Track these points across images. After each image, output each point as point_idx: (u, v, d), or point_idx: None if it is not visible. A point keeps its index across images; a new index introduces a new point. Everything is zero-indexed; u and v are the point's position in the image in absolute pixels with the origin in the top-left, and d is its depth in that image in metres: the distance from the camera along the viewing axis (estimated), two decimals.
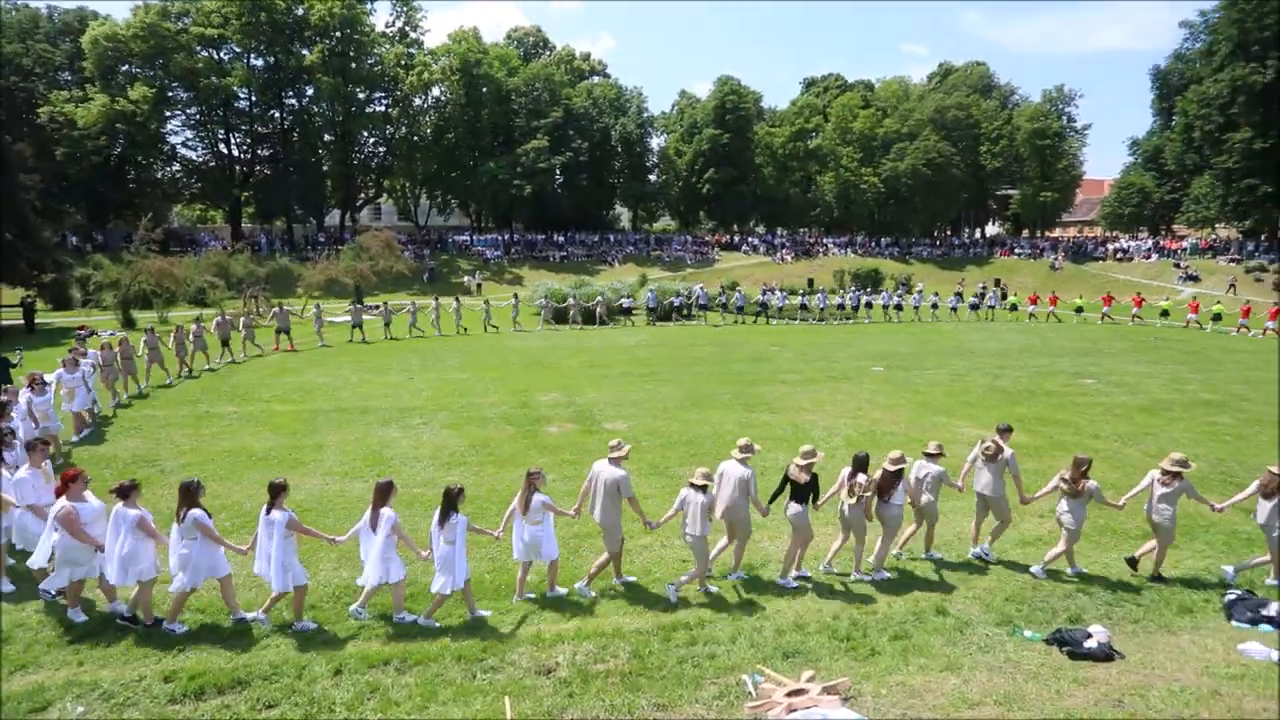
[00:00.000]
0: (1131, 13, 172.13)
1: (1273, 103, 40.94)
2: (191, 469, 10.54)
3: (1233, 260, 42.82)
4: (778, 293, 33.71)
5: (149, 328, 17.71)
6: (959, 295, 35.28)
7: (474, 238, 51.33)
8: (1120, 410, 14.87)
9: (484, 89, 50.40)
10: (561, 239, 51.45)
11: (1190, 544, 8.42)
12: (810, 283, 44.84)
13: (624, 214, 67.51)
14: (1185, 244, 47.70)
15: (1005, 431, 8.13)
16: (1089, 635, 6.02)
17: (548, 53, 61.88)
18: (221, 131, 47.13)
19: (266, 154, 48.49)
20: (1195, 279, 41.77)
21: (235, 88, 44.96)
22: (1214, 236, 48.77)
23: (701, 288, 34.42)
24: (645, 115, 57.78)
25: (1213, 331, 28.39)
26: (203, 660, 5.80)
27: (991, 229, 68.60)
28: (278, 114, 47.65)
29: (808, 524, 7.27)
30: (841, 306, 32.98)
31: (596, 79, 59.36)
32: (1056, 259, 49.84)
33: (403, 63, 48.27)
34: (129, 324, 26.01)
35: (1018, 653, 5.93)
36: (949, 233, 62.76)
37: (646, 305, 31.06)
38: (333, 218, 53.02)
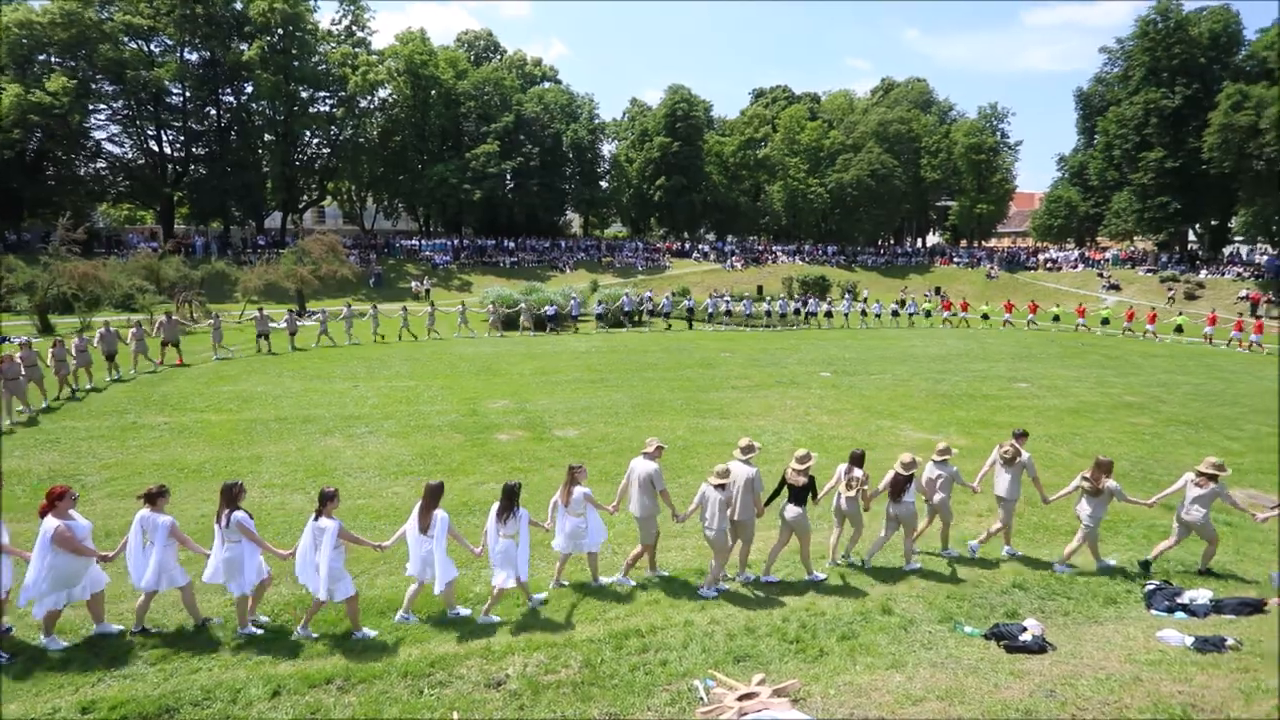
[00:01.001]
0: (1057, 37, 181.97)
1: (1182, 125, 43.84)
2: (117, 483, 9.95)
3: (1149, 270, 45.53)
4: (727, 298, 34.14)
5: (57, 339, 16.59)
6: (900, 303, 36.34)
7: (422, 243, 50.29)
8: (1051, 412, 15.59)
9: (432, 91, 49.56)
10: (512, 245, 50.90)
11: (1114, 538, 8.85)
12: (760, 289, 45.59)
13: (575, 220, 67.31)
14: (1108, 255, 50.50)
15: (1021, 436, 8.52)
16: (1024, 629, 6.26)
17: (498, 57, 61.35)
18: (152, 128, 44.77)
19: (202, 152, 46.39)
20: (1116, 288, 44.24)
21: (167, 82, 42.72)
22: (1133, 248, 51.78)
23: (666, 296, 34.52)
24: (596, 122, 57.83)
25: (1143, 337, 30.12)
26: (127, 687, 5.45)
27: (932, 239, 71.15)
28: (214, 111, 45.70)
29: (808, 524, 7.53)
30: (797, 312, 33.59)
31: (548, 84, 59.14)
32: (992, 268, 52.03)
33: (348, 62, 47.03)
34: (47, 329, 24.45)
35: (959, 648, 6.10)
36: (892, 242, 64.81)
37: (595, 313, 30.88)
38: (273, 220, 51.12)
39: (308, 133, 48.49)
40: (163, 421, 13.40)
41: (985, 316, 34.00)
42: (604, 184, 58.21)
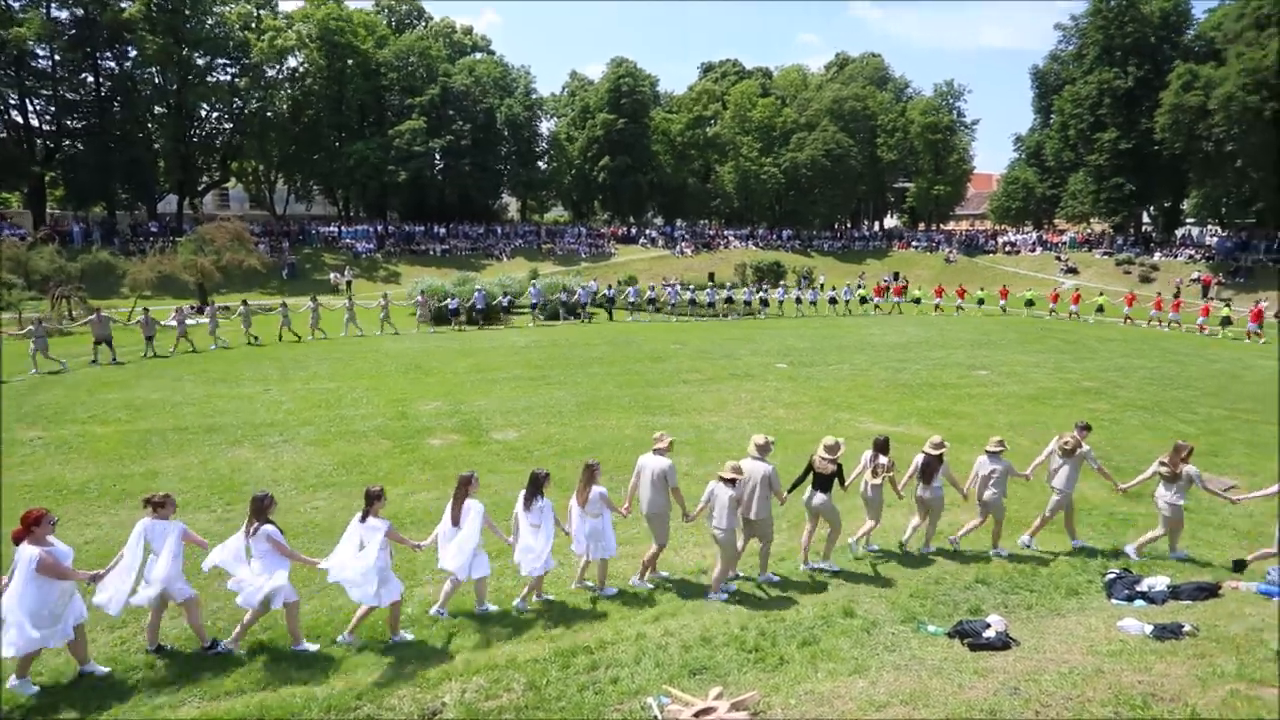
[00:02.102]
0: (1012, 13, 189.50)
1: (1135, 105, 46.29)
2: None
3: (1105, 254, 48.00)
4: (678, 287, 34.24)
5: None
6: (849, 288, 36.69)
7: (342, 229, 48.77)
8: (1011, 400, 16.26)
9: (349, 61, 48.03)
10: (442, 231, 49.91)
11: (1078, 525, 9.28)
12: (711, 276, 46.03)
13: (512, 204, 66.51)
14: (1065, 238, 52.99)
15: (1084, 429, 8.74)
16: (988, 625, 6.49)
17: (423, 24, 59.87)
18: (14, 95, 41.21)
19: (78, 125, 43.56)
20: (1074, 271, 46.48)
21: (30, 42, 39.57)
22: (1089, 231, 54.48)
23: (614, 286, 34.40)
24: (534, 97, 57.17)
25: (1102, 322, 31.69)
26: None
27: (890, 222, 73.24)
28: (92, 78, 43.01)
29: (836, 512, 7.97)
30: (748, 302, 33.97)
31: (479, 56, 58.09)
32: (951, 252, 53.92)
33: (250, 25, 45.06)
34: None
35: (922, 649, 6.28)
36: (849, 225, 66.39)
37: (531, 302, 30.47)
38: (168, 204, 48.64)
39: (205, 105, 46.29)
40: (36, 436, 12.59)
41: (918, 300, 35.05)
42: (543, 164, 57.66)
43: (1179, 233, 52.60)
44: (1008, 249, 53.53)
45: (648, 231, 57.41)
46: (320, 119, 48.00)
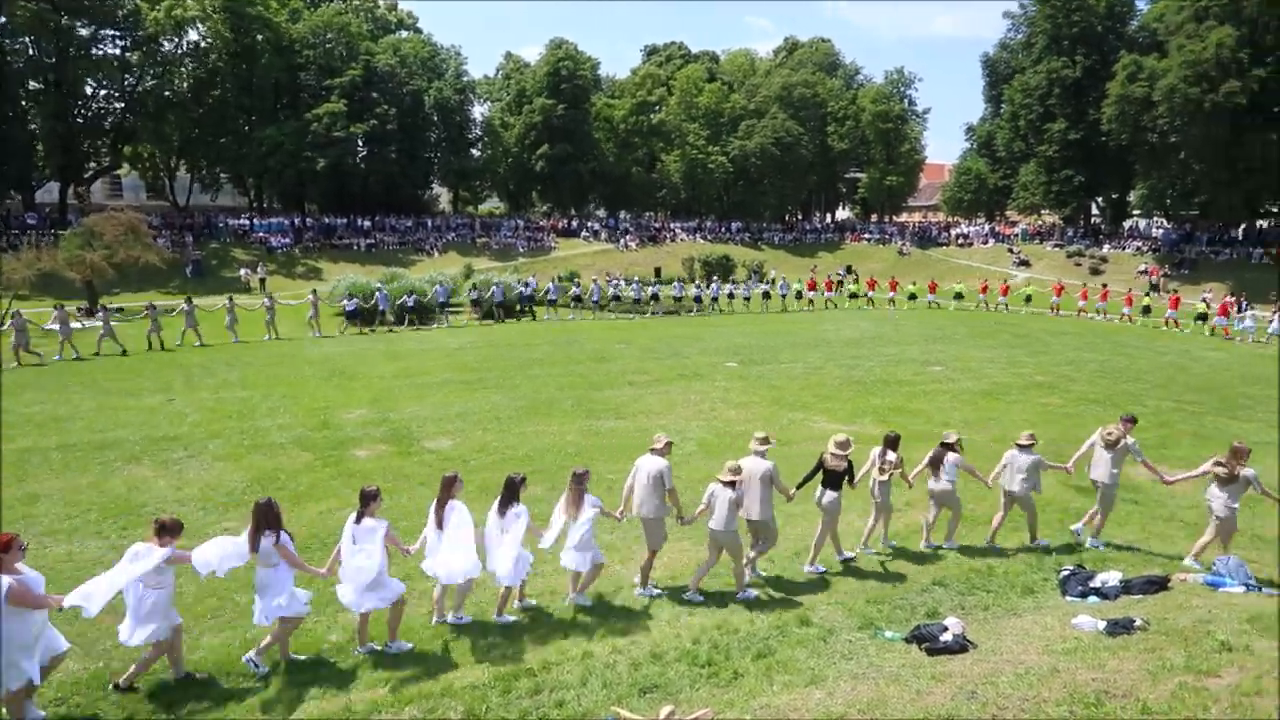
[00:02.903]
0: None
1: (1082, 96, 48.61)
2: None
3: (1056, 246, 50.28)
4: (622, 283, 34.28)
5: None
6: (784, 282, 37.10)
7: (255, 221, 47.09)
8: (965, 396, 16.86)
9: (259, 36, 46.33)
10: (367, 224, 48.75)
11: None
12: (657, 272, 46.27)
13: (443, 195, 65.50)
14: (1017, 230, 55.26)
15: (1130, 421, 9.03)
16: (945, 628, 6.71)
17: None
18: None
19: None
20: (1026, 264, 48.51)
21: None
22: (1041, 223, 56.97)
23: (553, 282, 34.15)
24: (465, 79, 56.41)
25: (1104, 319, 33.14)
26: None
27: (842, 213, 75.00)
28: None
29: (838, 512, 8.29)
30: (698, 298, 34.23)
31: (405, 34, 56.98)
32: (904, 244, 55.57)
33: None
34: None
35: (880, 656, 6.45)
36: (800, 217, 67.69)
37: (469, 299, 30.14)
38: (49, 192, 45.98)
39: (92, 82, 43.88)
40: None
41: (854, 295, 35.90)
42: (476, 152, 56.93)
43: (1126, 225, 55.48)
44: (960, 241, 55.48)
45: (590, 224, 57.33)
46: (227, 100, 46.15)
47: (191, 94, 45.77)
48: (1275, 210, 46.44)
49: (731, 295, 34.79)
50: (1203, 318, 29.06)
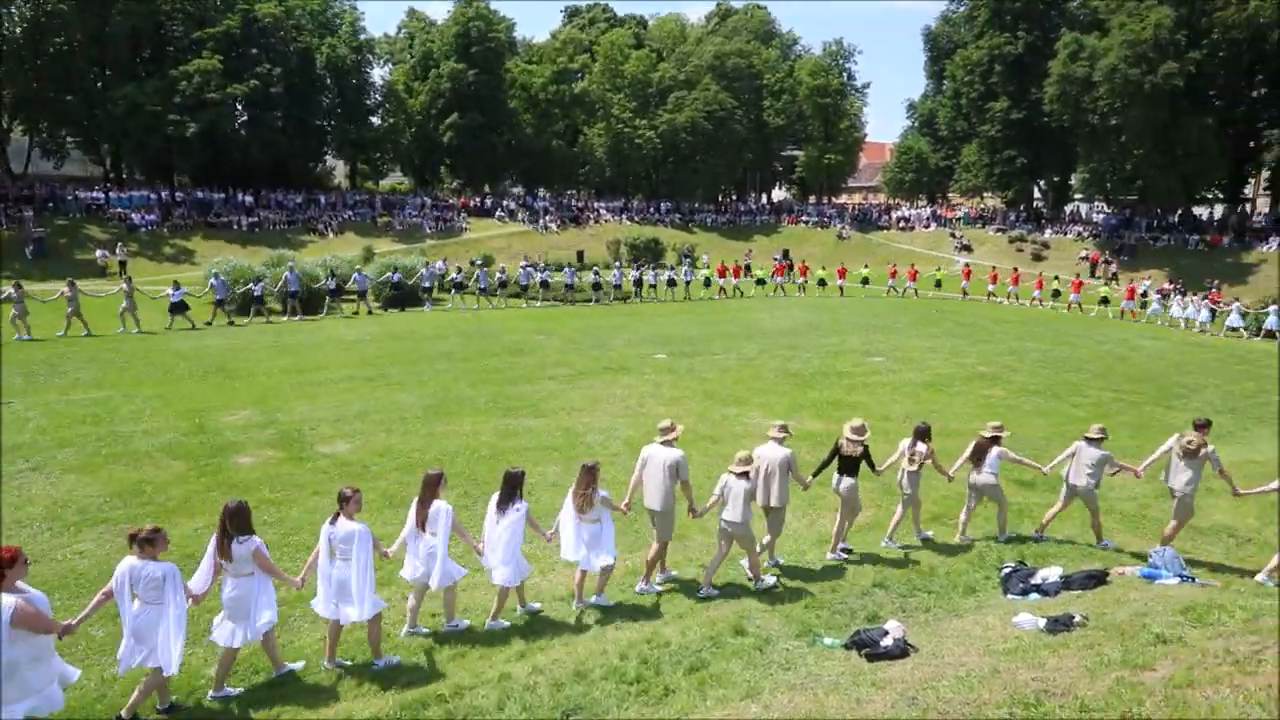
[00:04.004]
0: None
1: (1025, 74, 50.98)
2: None
3: (999, 230, 52.66)
4: (542, 268, 34.02)
5: None
6: (689, 269, 37.25)
7: (112, 195, 44.47)
8: (907, 388, 17.49)
9: None
10: (249, 200, 46.80)
11: (970, 521, 10.15)
12: (580, 256, 46.16)
13: (339, 168, 63.55)
14: (959, 213, 57.62)
15: (1204, 427, 9.27)
16: (885, 633, 6.95)
17: None
18: None
19: None
20: (968, 249, 50.64)
21: None
22: (983, 206, 59.56)
23: (461, 269, 33.56)
24: (363, 38, 54.83)
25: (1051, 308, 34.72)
26: None
27: (778, 194, 76.49)
28: None
29: (858, 498, 8.93)
30: (618, 286, 34.29)
31: None
32: (843, 228, 57.13)
33: None
34: None
35: (819, 664, 6.63)
36: (734, 198, 68.69)
37: (360, 287, 29.19)
38: None
39: None
40: None
41: (761, 282, 36.62)
42: (376, 120, 55.42)
43: (1068, 209, 58.60)
44: (902, 225, 57.43)
45: (505, 203, 56.62)
46: (74, 51, 43.17)
47: (26, 43, 42.57)
48: (1210, 196, 49.90)
49: (639, 282, 34.52)
50: (1105, 301, 32.19)
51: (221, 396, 15.60)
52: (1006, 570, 8.54)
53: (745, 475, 7.88)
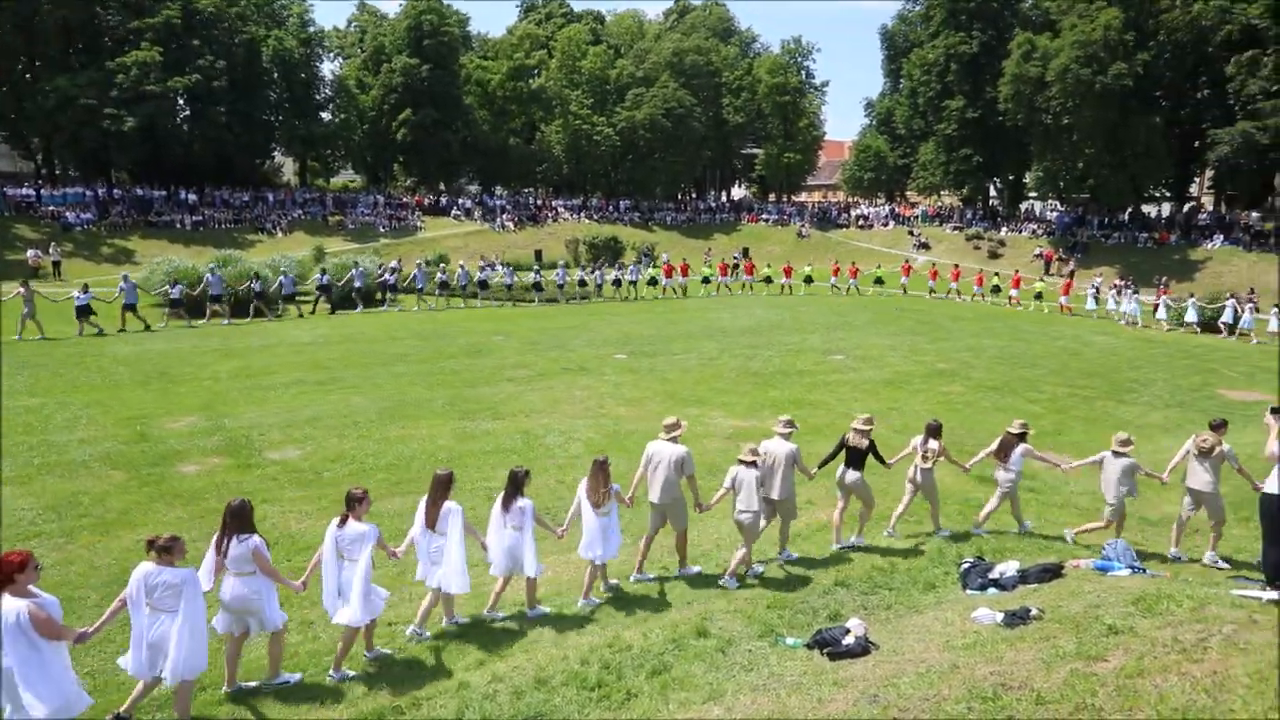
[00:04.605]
0: None
1: (981, 73, 52.10)
2: None
3: (956, 228, 53.73)
4: (499, 268, 33.81)
5: None
6: (635, 267, 37.00)
7: (45, 192, 43.05)
8: (868, 386, 17.78)
9: None
10: (193, 197, 45.69)
11: (928, 516, 10.35)
12: (538, 255, 45.98)
13: (287, 165, 62.39)
14: (917, 211, 58.66)
15: (1219, 427, 9.36)
16: (847, 631, 7.06)
17: None
18: None
19: None
20: (926, 246, 51.58)
21: None
22: (941, 204, 60.72)
23: (419, 265, 33.19)
24: (312, 30, 53.89)
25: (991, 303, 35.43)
26: None
27: (738, 192, 77.05)
28: None
29: (868, 489, 9.33)
30: (583, 283, 34.23)
31: None
32: (803, 226, 57.77)
33: None
34: None
35: (781, 664, 6.71)
36: (694, 196, 69.03)
37: (317, 285, 28.79)
38: None
39: None
40: None
41: (706, 280, 36.79)
42: (326, 116, 54.49)
43: (1023, 207, 60.04)
44: (861, 223, 58.29)
45: (461, 201, 56.13)
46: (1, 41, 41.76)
47: None
48: (1158, 195, 51.55)
49: (583, 282, 34.32)
50: (1039, 296, 33.63)
51: (164, 403, 15.27)
52: (965, 565, 8.72)
53: (753, 465, 8.35)
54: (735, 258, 46.36)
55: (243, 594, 6.22)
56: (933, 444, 9.44)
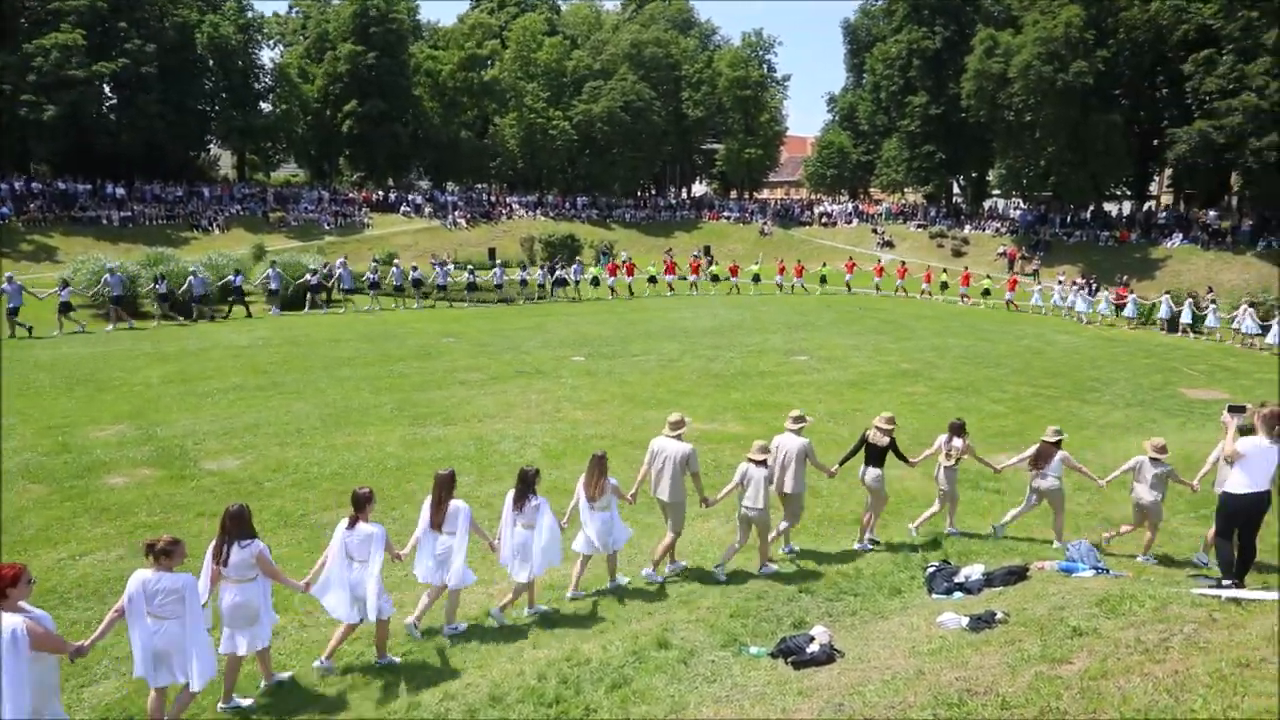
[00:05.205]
0: None
1: (943, 69, 53.10)
2: None
3: (919, 226, 54.65)
4: (451, 267, 33.54)
5: None
6: (579, 266, 36.92)
7: None
8: (831, 387, 17.99)
9: None
10: (121, 191, 44.48)
11: (897, 520, 10.50)
12: (492, 253, 45.70)
13: (225, 158, 61.11)
14: (881, 209, 59.54)
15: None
16: (811, 639, 7.12)
17: None
18: None
19: None
20: (890, 245, 52.36)
21: None
22: (904, 202, 61.71)
23: (372, 264, 32.74)
24: (250, 15, 52.97)
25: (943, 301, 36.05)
26: None
27: (699, 188, 77.44)
28: None
29: (885, 488, 9.65)
30: (541, 285, 34.16)
31: None
32: (765, 223, 58.26)
33: None
34: None
35: (744, 675, 6.74)
36: (654, 192, 69.21)
37: (266, 287, 28.39)
38: None
39: None
40: None
41: (653, 280, 36.70)
42: (266, 106, 53.46)
43: (986, 205, 61.34)
44: (824, 220, 59.00)
45: (411, 197, 55.53)
46: None
47: None
48: (1119, 193, 53.07)
49: (524, 282, 34.19)
50: (986, 293, 35.35)
51: (90, 410, 14.86)
52: (931, 570, 8.85)
53: (763, 463, 8.65)
54: (694, 255, 46.58)
55: (241, 602, 6.26)
56: (957, 442, 9.72)
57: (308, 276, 28.88)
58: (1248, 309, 26.56)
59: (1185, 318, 28.29)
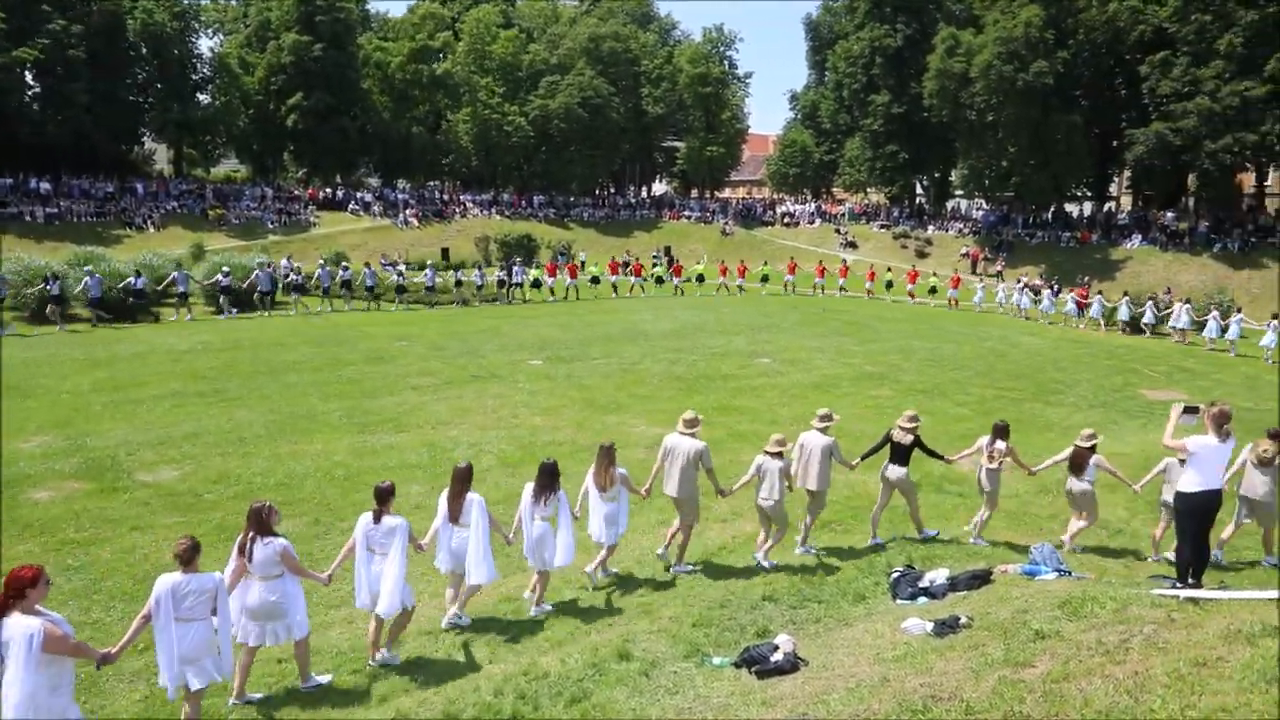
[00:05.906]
0: None
1: (905, 67, 54.02)
2: None
3: (883, 226, 55.49)
4: (402, 267, 33.25)
5: None
6: (520, 268, 35.97)
7: None
8: (795, 390, 18.17)
9: None
10: (47, 186, 43.27)
11: (860, 526, 10.65)
12: (445, 253, 45.35)
13: (160, 152, 59.72)
14: (844, 209, 60.32)
15: (1278, 435, 9.55)
16: (775, 648, 7.18)
17: None
18: None
19: None
20: (853, 245, 53.06)
21: None
22: (867, 202, 62.61)
23: (321, 265, 32.25)
24: (187, 2, 51.83)
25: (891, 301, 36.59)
26: None
27: (659, 187, 77.70)
28: None
29: (913, 485, 10.01)
30: (502, 284, 33.98)
31: None
32: (727, 223, 58.66)
33: None
34: None
35: (707, 686, 6.78)
36: (612, 191, 69.26)
37: (218, 287, 27.76)
38: None
39: None
40: None
41: (595, 280, 36.90)
42: (205, 98, 52.40)
43: (949, 205, 62.50)
44: (786, 221, 59.60)
45: (360, 195, 54.89)
46: None
47: None
48: (1080, 194, 54.49)
49: (480, 284, 33.91)
50: (933, 290, 36.65)
51: (12, 419, 14.43)
52: (895, 575, 8.98)
53: (779, 455, 9.05)
54: (654, 255, 46.75)
55: (270, 600, 6.46)
56: (999, 444, 9.86)
57: (219, 278, 28.36)
58: (1184, 306, 28.34)
59: (1148, 318, 29.23)
